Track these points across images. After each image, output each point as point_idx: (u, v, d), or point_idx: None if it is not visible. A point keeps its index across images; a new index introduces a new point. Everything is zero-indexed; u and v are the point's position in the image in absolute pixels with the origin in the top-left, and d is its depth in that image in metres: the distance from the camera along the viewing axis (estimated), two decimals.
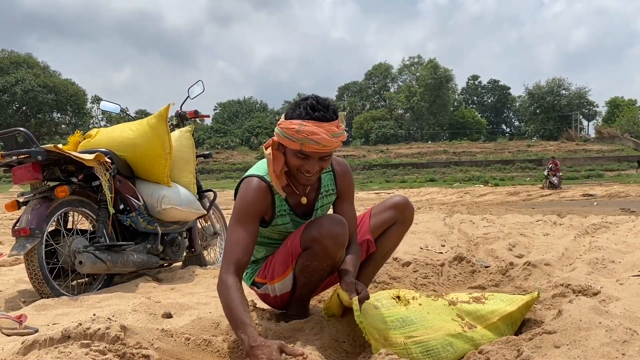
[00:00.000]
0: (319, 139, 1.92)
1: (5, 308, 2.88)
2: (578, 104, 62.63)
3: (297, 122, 1.95)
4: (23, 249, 2.88)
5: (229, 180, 37.68)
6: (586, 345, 1.70)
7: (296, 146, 1.97)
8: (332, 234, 2.04)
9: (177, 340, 1.82)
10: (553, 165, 21.89)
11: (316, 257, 2.07)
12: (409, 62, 69.41)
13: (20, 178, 3.10)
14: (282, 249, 2.21)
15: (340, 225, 2.07)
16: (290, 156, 2.04)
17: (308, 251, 2.08)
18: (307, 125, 1.93)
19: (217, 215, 4.62)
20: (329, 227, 2.05)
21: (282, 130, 2.00)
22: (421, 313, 1.99)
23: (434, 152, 47.09)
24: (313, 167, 2.02)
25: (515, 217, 8.37)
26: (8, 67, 53.80)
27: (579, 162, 39.73)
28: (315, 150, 1.96)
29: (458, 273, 3.68)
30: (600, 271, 3.35)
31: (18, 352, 1.65)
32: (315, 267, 2.10)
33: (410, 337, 1.86)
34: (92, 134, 3.69)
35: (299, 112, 1.98)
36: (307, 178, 2.06)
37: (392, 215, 2.40)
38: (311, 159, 2.00)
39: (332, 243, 2.04)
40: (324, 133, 1.93)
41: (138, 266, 3.43)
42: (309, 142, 1.93)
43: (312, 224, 2.11)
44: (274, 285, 2.23)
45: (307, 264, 2.09)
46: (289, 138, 1.97)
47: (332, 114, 1.98)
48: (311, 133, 1.92)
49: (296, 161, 2.02)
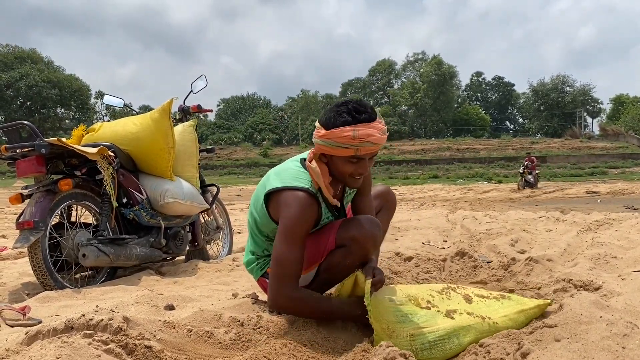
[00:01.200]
0: (375, 139, 1.95)
1: (9, 300, 2.90)
2: (582, 101, 62.45)
3: (349, 129, 1.94)
4: (27, 242, 2.89)
5: (232, 176, 37.75)
6: (587, 338, 1.70)
7: (350, 152, 1.98)
8: (372, 236, 2.08)
9: (179, 331, 1.83)
10: (529, 162, 20.37)
11: (351, 255, 2.10)
12: (413, 58, 69.29)
13: (24, 171, 3.11)
14: (309, 244, 2.17)
15: (378, 228, 2.11)
16: (341, 164, 2.04)
17: (344, 249, 2.10)
18: (360, 129, 1.94)
19: (219, 209, 4.62)
20: (370, 229, 2.08)
21: (330, 140, 1.98)
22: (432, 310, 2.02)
23: (438, 149, 47.04)
24: (365, 168, 2.04)
25: (518, 214, 8.36)
26: (12, 63, 53.94)
27: (582, 159, 39.65)
28: (369, 152, 1.99)
29: (460, 268, 3.68)
30: (602, 267, 3.35)
31: (22, 342, 1.66)
32: (346, 264, 2.12)
33: (417, 329, 1.89)
34: (95, 127, 3.70)
35: (344, 119, 1.96)
36: (357, 181, 2.10)
37: (378, 203, 2.55)
38: (363, 161, 2.03)
39: (371, 244, 2.09)
40: (377, 132, 1.96)
41: (141, 259, 3.45)
42: (366, 144, 1.95)
43: (349, 224, 2.13)
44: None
45: (339, 262, 2.11)
46: (342, 146, 1.97)
47: (374, 113, 2.01)
48: (367, 135, 1.94)
49: (348, 167, 2.03)
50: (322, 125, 2.03)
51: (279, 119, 64.88)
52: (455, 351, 1.89)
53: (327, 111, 2.04)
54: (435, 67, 60.21)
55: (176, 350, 1.74)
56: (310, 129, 54.76)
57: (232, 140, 53.43)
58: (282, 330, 1.97)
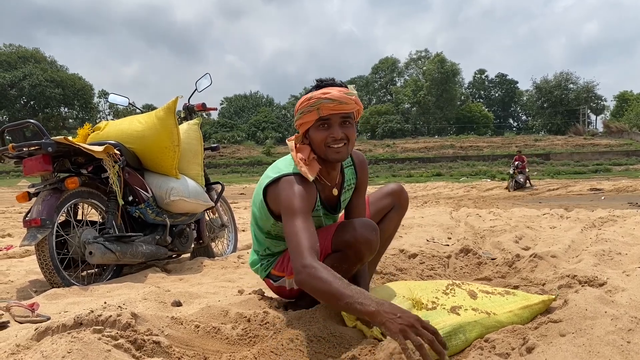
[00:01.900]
0: (332, 95, 1.98)
1: (17, 297, 2.92)
2: (586, 98, 62.26)
3: (307, 95, 2.04)
4: (34, 240, 2.91)
5: (235, 174, 37.78)
6: (591, 333, 1.71)
7: (314, 115, 2.01)
8: (367, 241, 2.07)
9: (186, 327, 1.85)
10: (519, 162, 19.16)
11: (347, 260, 2.10)
12: (416, 56, 69.21)
13: (31, 169, 3.14)
14: None
15: (374, 232, 2.10)
16: (314, 135, 2.05)
17: (340, 254, 2.10)
18: (316, 91, 2.02)
19: (224, 207, 4.64)
20: (364, 233, 2.07)
21: (297, 113, 2.06)
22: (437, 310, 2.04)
23: (441, 147, 46.98)
24: (337, 133, 2.02)
25: (522, 211, 8.36)
26: (16, 62, 54.09)
27: (586, 156, 39.54)
28: (333, 111, 1.99)
29: (464, 265, 3.69)
30: (607, 263, 3.36)
31: (32, 338, 1.68)
32: (343, 269, 2.11)
33: None
34: (101, 126, 3.72)
35: (306, 91, 2.08)
36: (336, 150, 2.05)
37: (389, 201, 2.49)
38: (333, 124, 2.02)
39: (366, 249, 2.08)
40: (336, 91, 2.00)
41: (147, 257, 3.47)
42: (324, 101, 1.98)
43: (345, 228, 2.12)
44: (293, 279, 2.22)
45: (336, 266, 2.08)
46: (305, 112, 2.03)
47: (342, 85, 2.07)
48: (323, 94, 1.99)
49: (320, 134, 2.04)
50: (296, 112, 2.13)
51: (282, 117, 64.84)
52: (462, 347, 1.90)
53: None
54: (438, 64, 60.12)
55: (184, 345, 1.76)
56: None
57: (235, 138, 53.48)
58: (289, 325, 1.98)
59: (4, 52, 55.59)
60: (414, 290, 2.21)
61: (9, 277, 3.46)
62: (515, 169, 18.86)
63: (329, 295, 1.69)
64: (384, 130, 56.53)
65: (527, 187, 18.61)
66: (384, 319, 1.54)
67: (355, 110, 2.06)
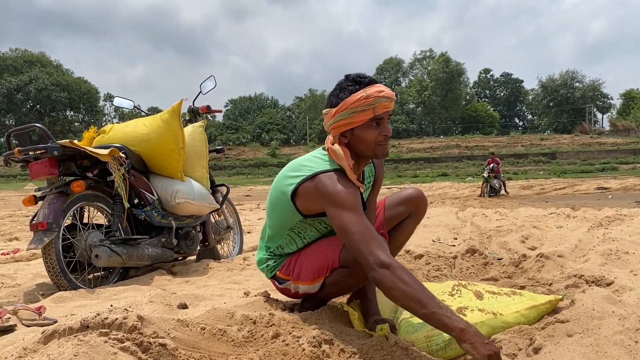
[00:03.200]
0: (387, 93, 1.96)
1: (24, 301, 2.94)
2: (592, 96, 61.99)
3: (359, 92, 1.95)
4: (41, 243, 2.93)
5: (241, 176, 37.84)
6: (599, 333, 1.70)
7: (369, 114, 1.95)
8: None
9: (192, 330, 1.85)
10: (494, 165, 16.99)
11: (354, 277, 2.08)
12: (421, 56, 69.10)
13: (37, 173, 3.15)
14: (315, 255, 2.16)
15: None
16: (364, 133, 2.00)
17: (347, 270, 2.07)
18: (369, 89, 1.95)
19: (230, 209, 4.65)
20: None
21: (346, 110, 1.97)
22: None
23: (446, 147, 46.92)
24: (388, 129, 2.01)
25: (528, 210, 8.33)
26: (22, 66, 54.43)
27: (593, 155, 39.39)
28: (386, 109, 1.97)
29: (470, 265, 3.68)
30: (614, 262, 3.33)
31: (39, 341, 1.68)
32: (349, 284, 2.10)
33: (431, 331, 1.90)
34: (106, 129, 3.74)
35: (351, 88, 1.98)
36: (384, 148, 2.03)
37: (406, 209, 2.40)
38: (383, 122, 2.00)
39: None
40: (386, 88, 1.97)
41: (153, 259, 3.48)
42: (381, 100, 1.94)
43: None
44: (299, 285, 2.21)
45: (343, 280, 2.08)
46: (359, 111, 1.95)
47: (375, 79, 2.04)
48: (378, 92, 1.94)
49: (372, 133, 1.99)
50: (331, 107, 2.03)
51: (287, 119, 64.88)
52: None
53: (330, 95, 2.05)
54: (443, 64, 60.03)
55: (190, 348, 1.76)
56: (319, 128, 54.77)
57: (240, 140, 53.60)
58: (295, 327, 1.98)
59: (10, 57, 55.96)
60: None
61: (16, 280, 3.48)
62: (490, 172, 16.64)
63: (412, 299, 1.65)
64: None
65: (502, 194, 16.50)
66: (473, 339, 1.55)
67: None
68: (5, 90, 51.07)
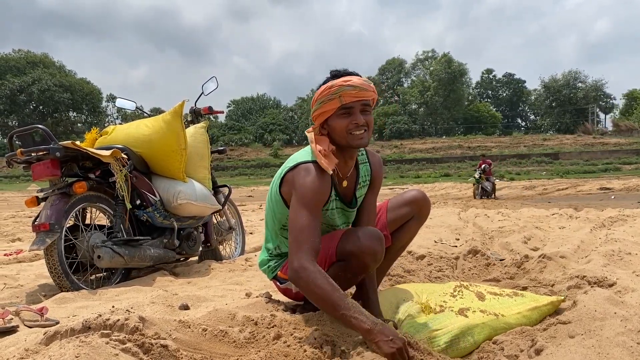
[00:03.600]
0: (354, 82, 1.99)
1: (26, 301, 2.94)
2: (595, 96, 61.85)
3: (328, 83, 2.03)
4: (43, 244, 2.93)
5: (243, 176, 37.87)
6: (601, 334, 1.70)
7: (336, 103, 2.00)
8: (371, 251, 2.04)
9: (194, 331, 1.85)
10: (486, 166, 16.52)
11: (351, 270, 2.08)
12: (423, 56, 69.07)
13: (39, 174, 3.15)
14: None
15: (378, 242, 2.06)
16: (335, 123, 2.04)
17: (343, 263, 2.09)
18: (336, 80, 2.01)
19: (232, 210, 4.65)
20: (370, 244, 2.03)
21: (317, 102, 2.05)
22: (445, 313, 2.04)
23: (449, 147, 46.88)
24: (360, 119, 2.02)
25: (530, 211, 8.32)
26: (24, 67, 54.53)
27: (596, 155, 39.31)
28: (355, 98, 2.00)
29: (473, 266, 3.68)
30: (617, 263, 3.33)
31: (40, 342, 1.69)
32: (348, 278, 2.11)
33: (433, 332, 1.90)
34: (108, 130, 3.74)
35: (325, 81, 2.06)
36: (359, 137, 2.04)
37: (409, 211, 2.40)
38: (354, 111, 2.02)
39: (370, 260, 2.05)
40: (356, 78, 2.01)
41: (155, 260, 3.48)
42: (346, 89, 1.98)
43: (349, 237, 2.09)
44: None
45: (341, 274, 2.09)
46: (325, 101, 2.02)
47: (358, 75, 2.07)
48: (344, 81, 1.99)
49: (342, 121, 2.03)
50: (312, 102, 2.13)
51: (289, 119, 64.88)
52: (470, 349, 1.90)
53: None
54: (445, 65, 59.96)
55: (192, 349, 1.76)
56: None
57: (243, 141, 53.58)
58: (296, 328, 1.98)
59: (13, 58, 56.10)
60: (421, 293, 2.21)
61: (18, 281, 3.49)
62: (481, 173, 16.30)
63: (324, 302, 1.81)
64: (391, 131, 56.42)
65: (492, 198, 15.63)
66: (377, 338, 1.68)
67: (373, 98, 2.07)
68: (8, 91, 51.15)
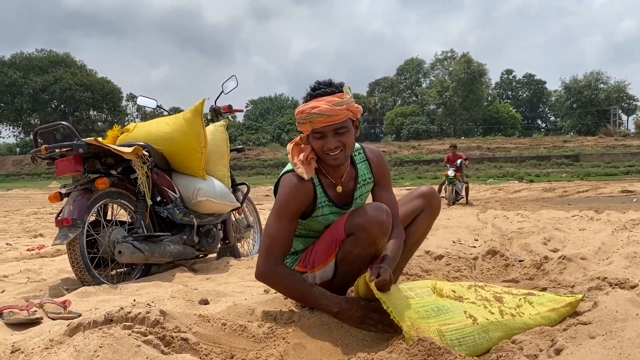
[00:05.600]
0: (320, 110, 2.03)
1: (49, 295, 2.99)
2: (617, 98, 60.84)
3: (301, 106, 2.10)
4: (66, 239, 2.99)
5: (260, 176, 37.98)
6: (622, 336, 1.68)
7: (308, 127, 2.09)
8: (377, 221, 2.08)
9: (214, 325, 1.88)
10: (462, 161, 13.34)
11: (360, 243, 2.11)
12: (442, 56, 68.60)
13: (63, 170, 3.21)
14: (324, 236, 2.25)
15: (384, 213, 2.12)
16: (312, 142, 2.15)
17: (352, 237, 2.12)
18: (308, 104, 2.08)
19: (250, 208, 4.68)
20: (374, 214, 2.10)
21: (296, 120, 2.14)
22: (457, 303, 2.00)
23: (467, 148, 46.39)
24: (331, 143, 2.10)
25: (550, 213, 8.23)
26: (47, 67, 55.35)
27: (617, 157, 38.65)
28: (324, 124, 2.06)
29: (491, 267, 3.65)
30: (638, 265, 3.28)
31: (64, 334, 1.72)
32: (358, 253, 2.13)
33: (444, 325, 1.86)
34: (130, 128, 3.79)
35: (304, 97, 2.15)
36: (333, 158, 2.13)
37: (419, 203, 2.48)
38: (327, 135, 2.09)
39: (377, 229, 2.08)
40: (324, 104, 2.04)
41: (174, 257, 3.52)
42: (314, 116, 2.05)
43: (356, 212, 2.16)
44: (315, 273, 2.25)
45: (351, 250, 2.12)
46: (300, 123, 2.11)
47: (334, 89, 2.11)
48: (312, 108, 2.05)
49: (317, 143, 2.13)
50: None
51: None
52: (487, 347, 1.88)
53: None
54: (465, 65, 59.47)
55: (211, 342, 1.78)
56: None
57: (260, 141, 53.78)
58: (314, 324, 1.99)
59: (37, 57, 56.95)
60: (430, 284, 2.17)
61: (41, 275, 3.55)
62: (456, 170, 12.90)
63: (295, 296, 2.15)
64: (409, 132, 56.18)
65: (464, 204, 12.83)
66: (344, 316, 1.97)
67: (348, 117, 2.10)
68: (31, 90, 51.99)
